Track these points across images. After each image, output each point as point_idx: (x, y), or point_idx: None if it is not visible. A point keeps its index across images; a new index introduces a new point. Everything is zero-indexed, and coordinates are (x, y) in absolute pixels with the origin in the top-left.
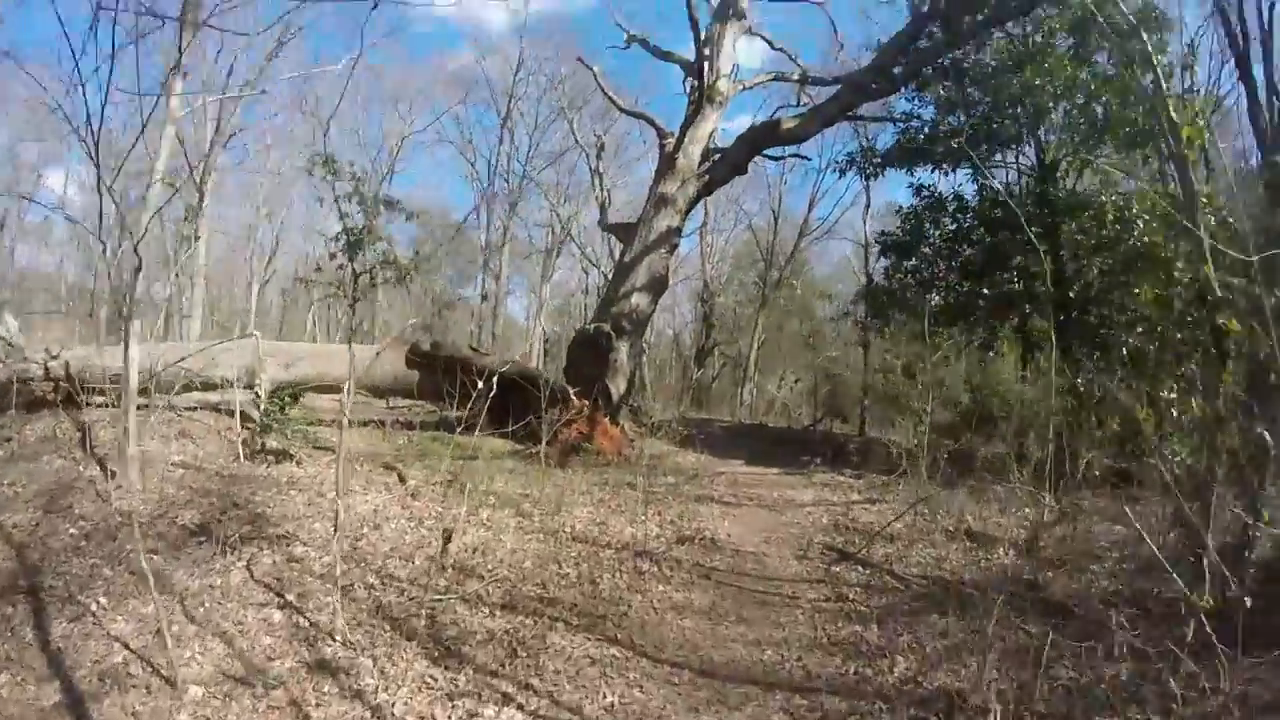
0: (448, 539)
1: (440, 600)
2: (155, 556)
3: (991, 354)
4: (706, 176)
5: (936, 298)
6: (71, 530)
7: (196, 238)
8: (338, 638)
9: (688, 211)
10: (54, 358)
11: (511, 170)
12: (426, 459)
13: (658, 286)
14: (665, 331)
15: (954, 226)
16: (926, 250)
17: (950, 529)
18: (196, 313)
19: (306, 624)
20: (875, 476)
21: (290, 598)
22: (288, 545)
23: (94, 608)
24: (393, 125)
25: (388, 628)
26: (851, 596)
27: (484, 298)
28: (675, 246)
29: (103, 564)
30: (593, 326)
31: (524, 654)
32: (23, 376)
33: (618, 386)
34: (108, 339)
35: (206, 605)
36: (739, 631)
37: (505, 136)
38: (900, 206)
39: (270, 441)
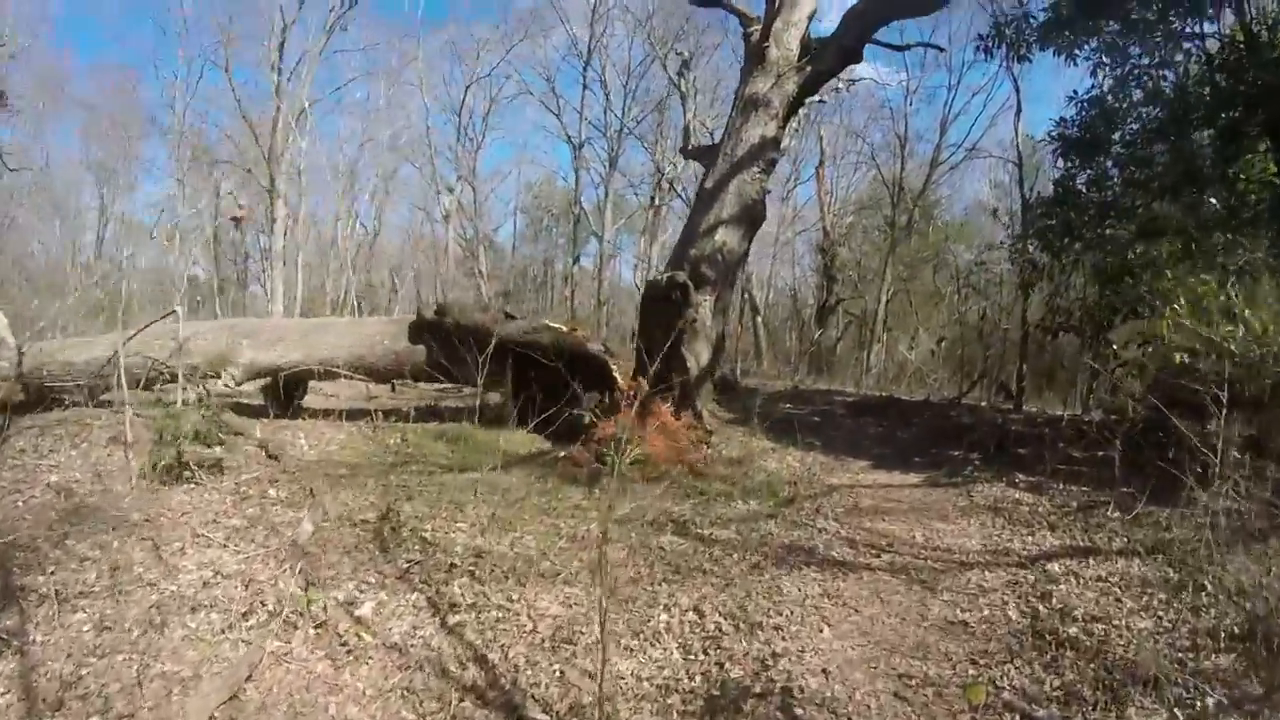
0: None
1: None
2: None
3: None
4: (808, 69)
5: (1117, 227)
6: None
7: (272, 220)
8: None
9: (787, 117)
10: (22, 353)
11: (609, 124)
12: (400, 471)
13: (750, 217)
14: (785, 289)
15: (1136, 127)
16: (1104, 160)
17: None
18: (278, 296)
19: None
20: (1067, 488)
21: None
22: None
23: None
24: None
25: None
26: None
27: (575, 259)
28: (773, 164)
29: None
30: (664, 276)
31: None
32: None
33: (697, 356)
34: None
35: None
36: None
37: (593, 83)
38: (1074, 93)
39: (167, 455)
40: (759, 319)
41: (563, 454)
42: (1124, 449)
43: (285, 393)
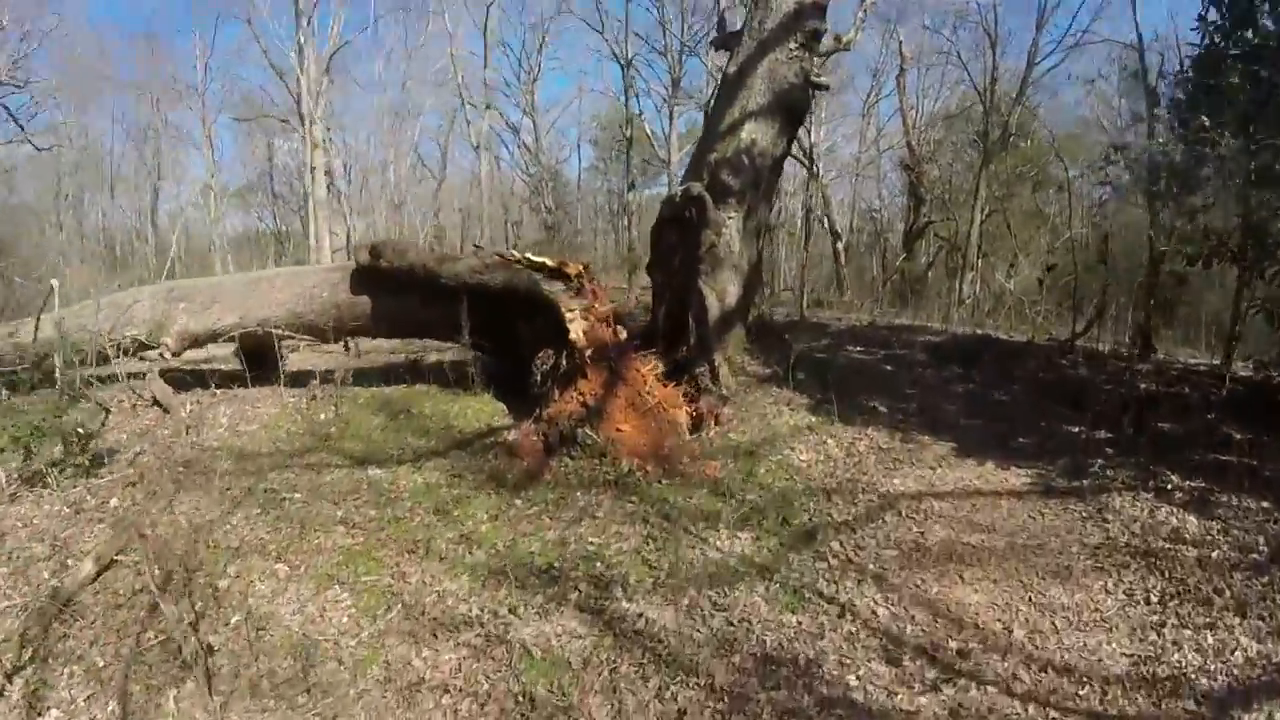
0: None
1: None
2: None
3: None
4: None
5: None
6: None
7: (312, 168)
8: None
9: None
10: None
11: (668, 45)
12: (290, 464)
13: (786, 106)
14: (869, 212)
15: None
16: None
17: None
18: (325, 246)
19: None
20: (1243, 505)
21: None
22: None
23: None
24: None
25: None
26: None
27: (630, 186)
28: (815, 37)
29: None
30: (679, 191)
31: None
32: None
33: (720, 292)
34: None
35: None
36: None
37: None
38: None
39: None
40: (839, 245)
41: (503, 438)
42: None
43: (250, 358)
